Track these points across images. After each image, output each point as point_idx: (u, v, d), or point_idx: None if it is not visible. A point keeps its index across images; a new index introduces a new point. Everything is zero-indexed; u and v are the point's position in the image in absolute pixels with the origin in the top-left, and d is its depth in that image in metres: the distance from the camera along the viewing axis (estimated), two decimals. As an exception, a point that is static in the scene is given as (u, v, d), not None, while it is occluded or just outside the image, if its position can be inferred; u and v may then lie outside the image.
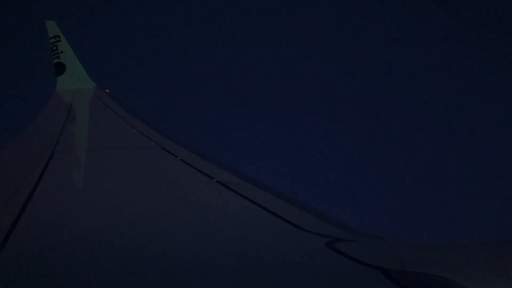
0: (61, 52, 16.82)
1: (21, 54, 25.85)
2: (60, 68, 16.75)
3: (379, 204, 17.80)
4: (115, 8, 28.02)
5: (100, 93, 14.96)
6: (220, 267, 2.40)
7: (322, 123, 22.46)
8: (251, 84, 25.14)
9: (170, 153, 6.04)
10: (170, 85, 25.97)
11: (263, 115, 23.49)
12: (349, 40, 25.27)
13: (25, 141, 7.82)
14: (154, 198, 4.08)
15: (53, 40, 16.80)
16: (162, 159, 5.93)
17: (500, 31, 22.08)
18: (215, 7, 27.83)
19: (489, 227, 14.39)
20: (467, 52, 22.73)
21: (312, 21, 26.03)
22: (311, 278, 2.23)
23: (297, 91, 24.14)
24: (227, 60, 26.08)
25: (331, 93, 23.57)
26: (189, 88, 25.57)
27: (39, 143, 7.23)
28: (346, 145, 21.07)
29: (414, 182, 18.98)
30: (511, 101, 20.69)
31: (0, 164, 6.03)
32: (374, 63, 24.06)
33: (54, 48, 16.81)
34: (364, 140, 20.98)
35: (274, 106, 23.56)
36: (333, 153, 20.69)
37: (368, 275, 2.16)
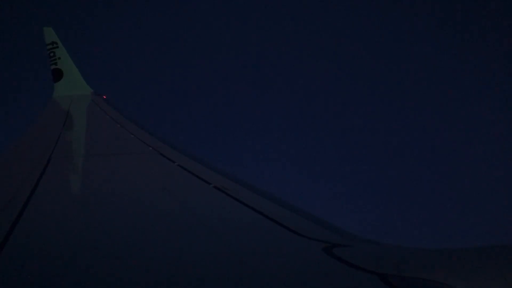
0: (59, 58, 16.85)
1: (19, 60, 25.87)
2: (58, 74, 16.76)
3: (375, 209, 17.82)
4: (112, 14, 28.08)
5: (97, 99, 14.97)
6: (217, 272, 2.40)
7: (319, 129, 22.50)
8: (249, 90, 25.19)
9: (168, 158, 6.04)
10: (167, 91, 26.01)
11: (260, 121, 23.52)
12: (347, 40, 25.35)
13: (23, 147, 7.83)
14: (152, 203, 4.08)
15: (50, 46, 16.83)
16: (160, 165, 5.93)
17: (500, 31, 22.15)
18: (212, 11, 27.89)
19: (485, 232, 14.41)
20: (466, 52, 22.80)
21: (310, 21, 26.10)
22: (308, 283, 2.23)
23: (293, 96, 24.18)
24: (224, 65, 26.12)
25: (328, 98, 23.62)
26: (186, 94, 25.60)
27: (37, 148, 7.23)
28: (343, 151, 21.12)
29: (410, 187, 19.02)
30: (510, 105, 20.74)
31: None
32: (372, 64, 24.13)
33: (52, 54, 16.83)
34: (360, 146, 21.02)
35: (271, 112, 23.60)
36: (330, 159, 20.72)
37: (366, 280, 2.17)
